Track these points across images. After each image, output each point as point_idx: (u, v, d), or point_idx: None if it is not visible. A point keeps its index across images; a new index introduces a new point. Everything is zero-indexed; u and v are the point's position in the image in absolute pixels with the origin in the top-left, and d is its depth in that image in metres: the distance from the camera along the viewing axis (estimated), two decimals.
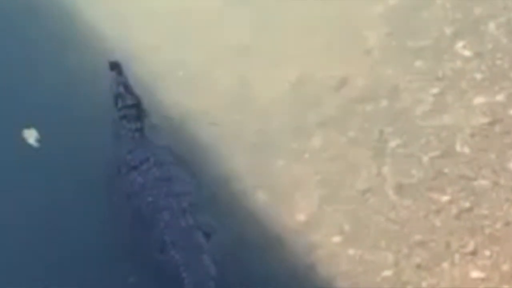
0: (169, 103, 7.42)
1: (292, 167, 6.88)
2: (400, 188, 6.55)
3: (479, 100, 6.92)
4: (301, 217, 6.56)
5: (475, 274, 6.05)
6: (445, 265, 6.12)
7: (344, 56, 7.49)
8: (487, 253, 6.12)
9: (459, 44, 7.31)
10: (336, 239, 6.39)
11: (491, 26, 7.38)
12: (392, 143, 6.83)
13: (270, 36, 7.75)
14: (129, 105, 7.26)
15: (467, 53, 7.24)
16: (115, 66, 7.37)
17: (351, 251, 6.30)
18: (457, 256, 6.15)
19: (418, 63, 7.28)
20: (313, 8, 7.83)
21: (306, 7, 7.85)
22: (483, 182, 6.46)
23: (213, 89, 7.49)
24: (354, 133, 6.96)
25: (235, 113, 7.31)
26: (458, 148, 6.69)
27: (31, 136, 7.23)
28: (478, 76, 7.07)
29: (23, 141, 7.25)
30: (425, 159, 6.68)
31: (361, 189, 6.61)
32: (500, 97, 6.91)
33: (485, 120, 6.80)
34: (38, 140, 7.21)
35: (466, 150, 6.66)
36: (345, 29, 7.65)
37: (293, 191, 6.71)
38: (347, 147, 6.89)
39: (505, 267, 6.03)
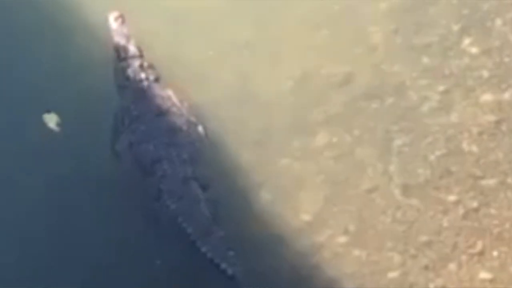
0: None
1: (296, 165, 6.82)
2: (406, 188, 6.48)
3: (486, 97, 6.87)
4: (305, 217, 6.49)
5: (483, 275, 6.00)
6: (453, 266, 6.07)
7: (349, 52, 7.44)
8: (495, 253, 6.06)
9: (466, 41, 7.25)
10: (341, 239, 6.32)
11: (498, 22, 7.33)
12: (398, 142, 6.77)
13: (273, 32, 7.69)
14: (131, 56, 7.32)
15: (474, 50, 7.19)
16: (117, 18, 7.42)
17: (356, 252, 6.23)
18: (464, 257, 6.09)
19: (425, 60, 7.23)
20: (317, 4, 7.77)
21: (310, 3, 7.79)
22: (491, 182, 6.40)
23: (215, 85, 7.44)
24: (359, 132, 6.90)
25: (238, 110, 7.25)
26: (465, 146, 6.63)
27: (51, 120, 7.26)
28: (485, 73, 7.02)
29: (44, 125, 7.27)
30: (432, 158, 6.62)
31: (367, 189, 6.54)
32: (507, 95, 6.86)
33: (492, 118, 6.74)
34: (59, 124, 7.23)
35: (474, 148, 6.60)
36: (349, 25, 7.60)
37: (297, 190, 6.65)
38: (352, 145, 6.83)
39: None
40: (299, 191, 6.64)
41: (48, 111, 7.29)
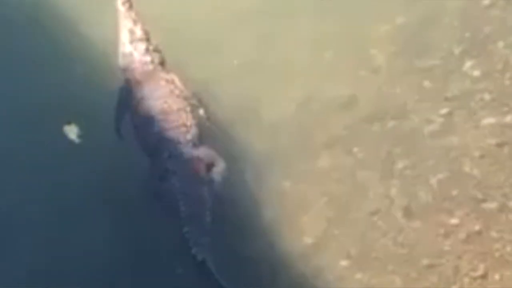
0: None
1: (298, 188, 6.83)
2: (408, 211, 6.48)
3: (488, 120, 6.86)
4: (308, 239, 6.50)
5: None
6: None
7: (351, 75, 7.45)
8: (497, 277, 6.04)
9: (468, 64, 7.25)
10: (344, 262, 6.32)
11: (500, 45, 7.32)
12: (400, 164, 6.77)
13: (276, 54, 7.71)
14: (138, 39, 7.40)
15: (475, 73, 7.18)
16: (125, 3, 7.48)
17: (358, 275, 6.23)
18: (466, 280, 6.07)
19: (426, 83, 7.23)
20: (320, 26, 7.78)
21: (313, 25, 7.80)
22: (492, 205, 6.38)
23: (219, 106, 7.44)
24: (361, 154, 6.91)
25: (241, 132, 7.26)
26: (467, 169, 6.62)
27: (71, 131, 7.34)
28: (487, 96, 7.01)
29: (64, 137, 7.34)
30: (434, 180, 6.61)
31: (369, 211, 6.54)
32: (509, 118, 6.84)
33: (494, 141, 6.73)
34: (79, 136, 7.30)
35: (475, 171, 6.59)
36: (352, 48, 7.61)
37: (299, 213, 6.66)
38: (355, 168, 6.84)
39: None
40: (302, 214, 6.65)
41: (69, 123, 7.37)
